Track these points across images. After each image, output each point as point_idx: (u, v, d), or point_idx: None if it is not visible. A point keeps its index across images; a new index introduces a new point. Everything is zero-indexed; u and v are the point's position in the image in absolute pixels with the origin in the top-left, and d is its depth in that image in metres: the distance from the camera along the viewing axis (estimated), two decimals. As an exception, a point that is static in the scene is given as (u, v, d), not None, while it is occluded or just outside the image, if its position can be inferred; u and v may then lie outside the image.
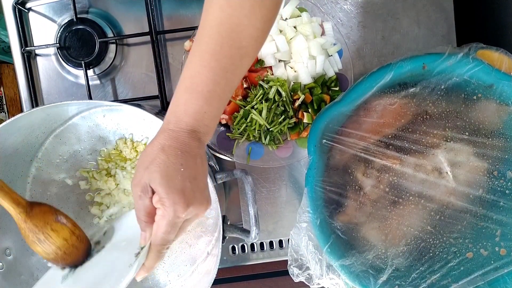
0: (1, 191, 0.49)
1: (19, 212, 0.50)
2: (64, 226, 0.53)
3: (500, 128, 0.60)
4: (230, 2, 0.43)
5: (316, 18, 0.72)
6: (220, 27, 0.44)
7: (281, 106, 0.69)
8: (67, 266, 0.54)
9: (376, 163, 0.60)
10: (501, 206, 0.59)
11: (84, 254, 0.55)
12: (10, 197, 0.50)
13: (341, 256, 0.59)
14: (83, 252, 0.55)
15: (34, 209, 0.51)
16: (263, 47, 0.70)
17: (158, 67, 0.74)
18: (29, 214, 0.50)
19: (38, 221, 0.51)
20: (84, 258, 0.55)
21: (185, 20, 0.77)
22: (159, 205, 0.44)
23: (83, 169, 0.73)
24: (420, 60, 0.57)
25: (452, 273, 0.59)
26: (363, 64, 0.78)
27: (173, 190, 0.43)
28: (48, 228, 0.51)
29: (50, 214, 0.52)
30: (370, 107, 0.60)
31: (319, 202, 0.60)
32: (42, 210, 0.52)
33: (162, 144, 0.44)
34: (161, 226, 0.44)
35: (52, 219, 0.52)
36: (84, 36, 0.74)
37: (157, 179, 0.43)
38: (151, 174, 0.43)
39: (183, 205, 0.43)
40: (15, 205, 0.50)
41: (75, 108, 0.67)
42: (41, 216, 0.51)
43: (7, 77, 1.18)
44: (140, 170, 0.45)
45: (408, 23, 0.77)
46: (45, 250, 0.52)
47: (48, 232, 0.51)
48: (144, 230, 0.46)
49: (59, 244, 0.52)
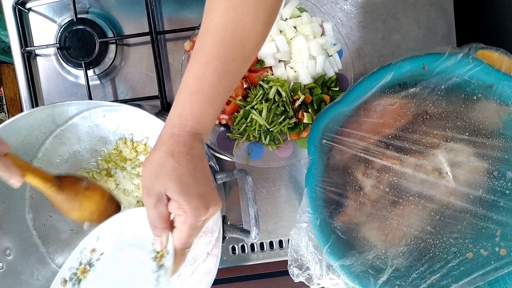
0: (28, 171, 0.51)
1: (50, 187, 0.52)
2: (94, 191, 0.56)
3: (500, 128, 0.60)
4: (235, 6, 0.43)
5: (316, 18, 0.72)
6: (225, 31, 0.44)
7: (281, 106, 0.69)
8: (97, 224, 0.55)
9: (376, 163, 0.60)
10: (501, 206, 0.59)
11: (116, 211, 0.58)
12: (39, 175, 0.52)
13: (341, 256, 0.59)
14: (115, 210, 0.58)
15: (63, 181, 0.54)
16: (263, 47, 0.70)
17: (158, 67, 0.74)
18: (60, 187, 0.53)
19: (69, 191, 0.54)
20: (115, 214, 0.56)
21: (185, 20, 0.77)
22: (180, 212, 0.44)
23: (83, 169, 0.73)
24: (420, 60, 0.57)
25: (452, 273, 0.59)
26: (363, 64, 0.78)
27: (191, 195, 0.43)
28: (81, 196, 0.55)
29: (78, 183, 0.56)
30: (370, 107, 0.60)
31: (319, 202, 0.60)
32: (71, 181, 0.55)
33: (171, 150, 0.44)
34: (184, 231, 0.45)
35: (81, 187, 0.55)
36: (84, 36, 0.74)
37: (173, 188, 0.43)
38: (165, 182, 0.43)
39: (203, 208, 0.44)
40: (45, 182, 0.52)
41: (75, 108, 0.67)
42: (70, 186, 0.55)
43: (7, 77, 1.18)
44: (150, 179, 0.44)
45: (408, 23, 0.77)
46: (82, 215, 0.55)
47: (81, 199, 0.55)
48: (160, 235, 0.46)
49: (93, 208, 0.56)
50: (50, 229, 0.72)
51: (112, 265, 0.53)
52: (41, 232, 0.72)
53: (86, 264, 0.55)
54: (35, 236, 0.71)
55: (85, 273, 0.54)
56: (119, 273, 0.52)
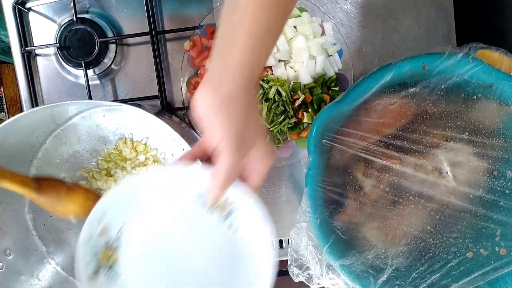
0: (4, 178, 0.51)
1: (29, 192, 0.53)
2: (76, 194, 0.56)
3: (500, 128, 0.60)
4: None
5: (316, 18, 0.72)
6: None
7: (281, 106, 0.69)
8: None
9: (376, 163, 0.60)
10: (501, 206, 0.59)
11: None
12: (16, 181, 0.52)
13: (341, 256, 0.59)
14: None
15: (42, 185, 0.54)
16: (263, 47, 0.70)
17: (158, 67, 0.74)
18: (39, 191, 0.53)
19: (50, 195, 0.54)
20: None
21: (185, 20, 0.77)
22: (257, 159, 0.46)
23: (83, 169, 0.73)
24: (420, 60, 0.57)
25: (452, 273, 0.59)
26: (363, 64, 0.78)
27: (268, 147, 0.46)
28: (62, 199, 0.55)
29: (59, 186, 0.56)
30: (370, 107, 0.60)
31: (319, 202, 0.60)
32: (51, 184, 0.55)
33: (250, 103, 0.44)
34: (261, 175, 0.47)
35: (63, 190, 0.56)
36: (84, 36, 0.74)
37: (262, 138, 0.45)
38: (254, 132, 0.45)
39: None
40: (23, 187, 0.52)
41: (75, 108, 0.67)
42: (51, 189, 0.55)
43: (7, 77, 1.18)
44: (241, 128, 0.43)
45: (408, 23, 0.77)
46: (67, 215, 0.56)
47: (63, 202, 0.55)
48: (228, 186, 0.45)
49: (78, 209, 0.56)
50: (50, 229, 0.72)
51: (151, 232, 0.49)
52: (41, 232, 0.72)
53: (106, 246, 0.49)
54: (35, 236, 0.71)
55: (112, 256, 0.49)
56: (166, 239, 0.49)
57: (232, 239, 0.49)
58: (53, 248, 0.72)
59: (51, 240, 0.72)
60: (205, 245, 0.50)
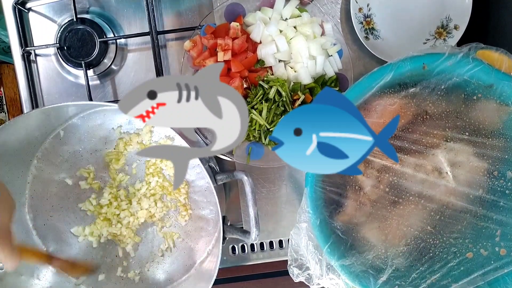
0: (26, 253, 0.63)
1: (43, 261, 0.67)
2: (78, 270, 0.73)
3: (500, 128, 0.60)
4: None
5: (316, 18, 0.72)
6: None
7: (281, 106, 0.69)
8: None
9: (376, 163, 0.60)
10: (501, 206, 0.59)
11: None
12: (36, 256, 0.66)
13: (341, 256, 0.59)
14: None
15: (52, 260, 0.68)
16: (263, 47, 0.70)
17: (158, 67, 0.74)
18: (50, 261, 0.67)
19: (56, 267, 0.71)
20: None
21: (185, 20, 0.77)
22: None
23: (83, 169, 0.73)
24: (420, 60, 0.57)
25: (452, 273, 0.59)
26: (363, 64, 0.78)
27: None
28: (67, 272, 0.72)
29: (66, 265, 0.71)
30: (370, 107, 0.60)
31: (319, 202, 0.60)
32: (60, 262, 0.70)
33: None
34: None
35: (67, 268, 0.72)
36: (84, 36, 0.74)
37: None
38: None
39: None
40: (39, 259, 0.66)
41: (75, 109, 0.67)
42: (59, 265, 0.70)
43: (7, 77, 1.18)
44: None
45: (408, 23, 0.77)
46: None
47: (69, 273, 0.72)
48: None
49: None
50: (50, 229, 0.72)
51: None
52: (41, 232, 0.72)
53: (364, 19, 0.74)
54: (35, 236, 0.71)
55: (371, 23, 0.75)
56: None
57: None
58: (53, 248, 0.72)
59: (51, 240, 0.72)
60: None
